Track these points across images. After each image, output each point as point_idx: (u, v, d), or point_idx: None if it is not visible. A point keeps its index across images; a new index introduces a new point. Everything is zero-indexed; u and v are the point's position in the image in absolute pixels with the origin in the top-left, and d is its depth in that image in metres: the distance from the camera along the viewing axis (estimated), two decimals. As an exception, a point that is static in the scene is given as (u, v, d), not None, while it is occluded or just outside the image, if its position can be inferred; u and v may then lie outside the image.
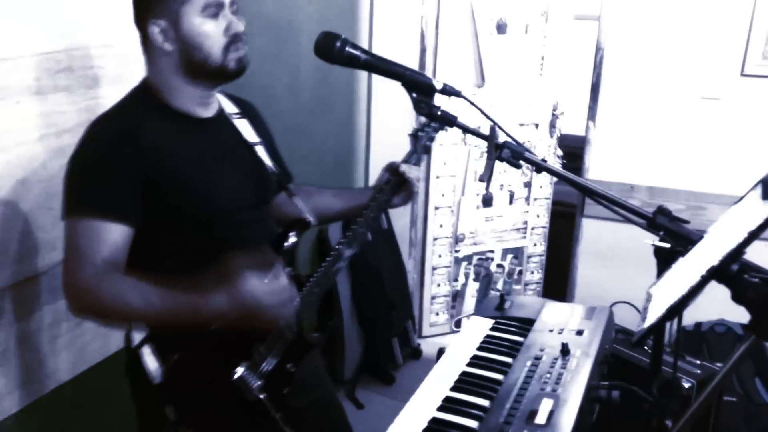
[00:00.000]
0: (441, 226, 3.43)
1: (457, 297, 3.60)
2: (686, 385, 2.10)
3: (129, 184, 1.38)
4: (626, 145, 2.89)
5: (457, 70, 3.16)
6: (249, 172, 1.59)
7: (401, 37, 3.05)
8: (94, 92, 1.85)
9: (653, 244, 1.31)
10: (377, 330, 3.16)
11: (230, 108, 1.64)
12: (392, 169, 1.62)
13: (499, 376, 1.41)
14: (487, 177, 1.37)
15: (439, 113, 1.43)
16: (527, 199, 3.55)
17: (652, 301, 1.21)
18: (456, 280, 3.56)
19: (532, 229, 3.63)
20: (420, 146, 1.59)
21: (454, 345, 1.60)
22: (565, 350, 1.45)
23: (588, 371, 1.39)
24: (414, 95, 1.41)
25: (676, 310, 1.01)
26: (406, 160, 1.62)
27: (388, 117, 3.19)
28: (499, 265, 3.56)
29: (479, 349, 1.54)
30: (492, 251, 3.56)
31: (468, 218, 3.44)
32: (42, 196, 1.72)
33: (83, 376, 1.91)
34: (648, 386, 1.30)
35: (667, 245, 1.30)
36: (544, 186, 3.54)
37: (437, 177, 3.34)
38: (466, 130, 1.45)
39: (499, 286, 3.62)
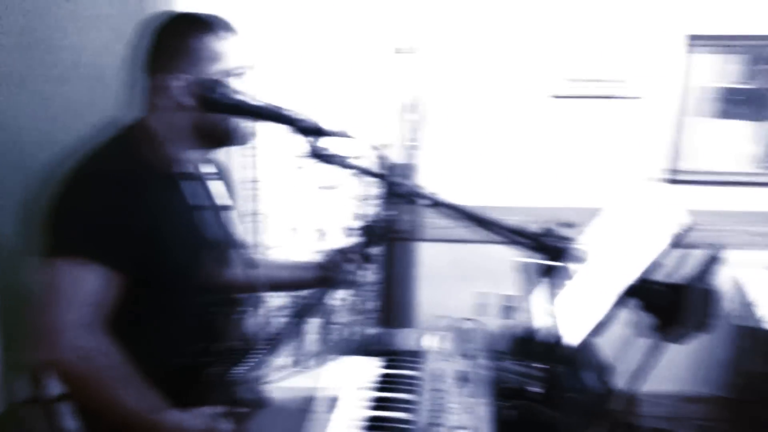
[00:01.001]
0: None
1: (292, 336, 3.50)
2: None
3: (127, 233, 1.32)
4: (454, 168, 3.02)
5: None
6: (214, 237, 1.52)
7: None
8: None
9: (539, 263, 1.36)
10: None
11: (208, 167, 1.56)
12: (348, 254, 1.59)
13: (407, 416, 1.38)
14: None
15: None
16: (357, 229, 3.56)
17: (556, 316, 1.25)
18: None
19: (362, 257, 3.64)
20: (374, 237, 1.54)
21: (342, 389, 1.54)
22: (463, 377, 1.46)
23: (491, 395, 1.41)
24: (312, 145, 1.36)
25: (602, 325, 1.04)
26: (353, 252, 1.56)
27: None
28: (341, 299, 3.53)
29: (378, 389, 1.50)
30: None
31: (303, 254, 3.38)
32: None
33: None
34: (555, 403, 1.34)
35: (551, 263, 1.36)
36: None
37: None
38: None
39: (339, 319, 3.58)
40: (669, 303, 1.04)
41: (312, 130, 1.35)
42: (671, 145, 2.92)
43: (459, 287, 3.17)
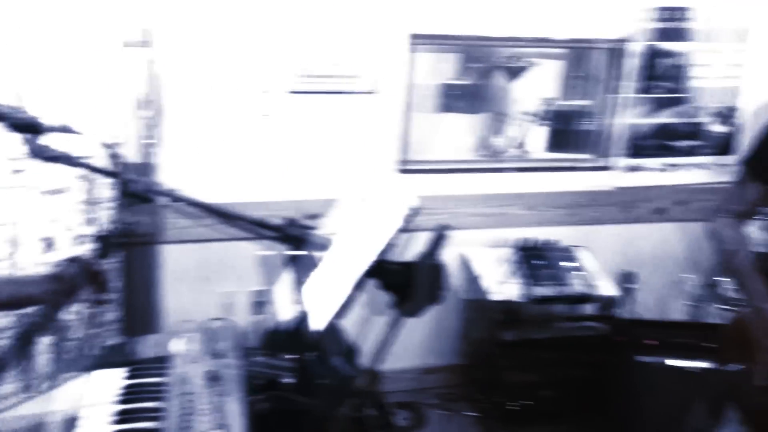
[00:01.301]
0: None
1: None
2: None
3: None
4: (194, 165, 2.93)
5: None
6: None
7: None
8: None
9: (285, 253, 1.38)
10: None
11: None
12: (81, 264, 1.41)
13: (155, 425, 1.31)
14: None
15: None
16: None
17: (302, 305, 1.28)
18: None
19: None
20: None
21: (82, 407, 1.42)
22: (213, 377, 1.43)
23: (243, 391, 1.40)
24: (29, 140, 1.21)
25: (344, 308, 1.09)
26: (87, 261, 1.40)
27: None
28: (75, 312, 3.24)
29: (122, 402, 1.40)
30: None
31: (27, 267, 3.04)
32: None
33: None
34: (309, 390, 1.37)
35: (295, 253, 1.39)
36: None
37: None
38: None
39: (75, 334, 3.29)
40: (404, 280, 1.12)
41: (29, 127, 1.22)
42: (401, 137, 3.13)
43: (206, 288, 3.10)
